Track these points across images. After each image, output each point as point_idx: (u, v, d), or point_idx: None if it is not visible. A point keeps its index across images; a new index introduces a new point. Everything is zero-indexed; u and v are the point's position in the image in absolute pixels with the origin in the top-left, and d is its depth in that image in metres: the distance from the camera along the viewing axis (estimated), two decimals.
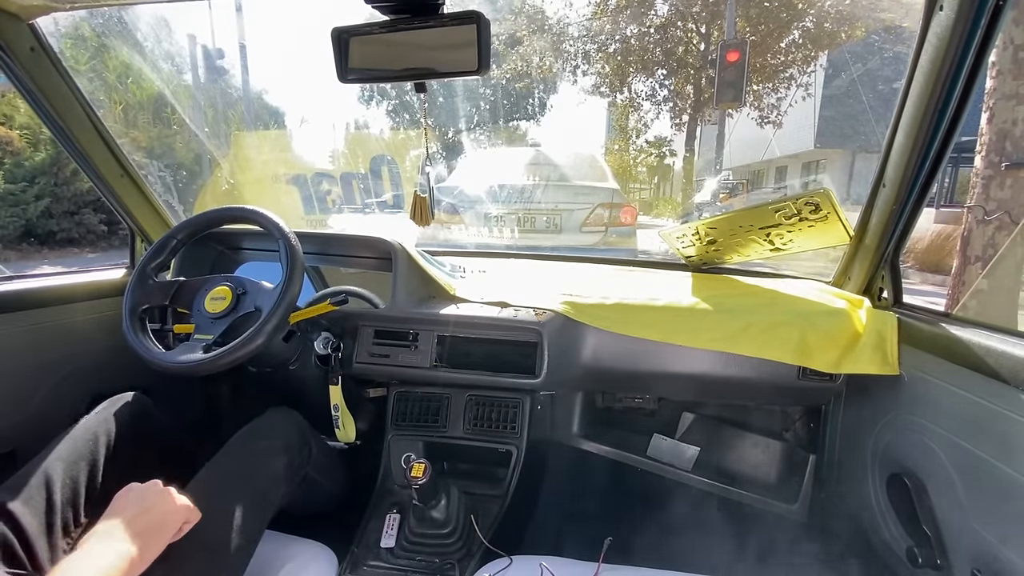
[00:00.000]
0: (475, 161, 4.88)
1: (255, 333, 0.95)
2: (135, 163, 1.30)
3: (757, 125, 12.38)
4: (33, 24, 1.01)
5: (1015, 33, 2.73)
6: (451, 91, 14.15)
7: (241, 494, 0.82)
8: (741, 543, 1.33)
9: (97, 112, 1.18)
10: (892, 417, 1.01)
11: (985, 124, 2.89)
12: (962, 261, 3.02)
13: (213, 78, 9.86)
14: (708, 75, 11.43)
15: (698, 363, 1.16)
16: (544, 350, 1.13)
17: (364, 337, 1.22)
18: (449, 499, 1.06)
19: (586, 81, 13.15)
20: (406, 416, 1.27)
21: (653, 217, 14.43)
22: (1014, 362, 0.73)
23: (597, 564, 0.83)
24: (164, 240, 1.11)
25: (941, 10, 0.79)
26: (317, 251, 1.40)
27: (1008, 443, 0.74)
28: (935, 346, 0.91)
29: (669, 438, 1.45)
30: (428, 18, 0.76)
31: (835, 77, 12.61)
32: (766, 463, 1.41)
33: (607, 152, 17.43)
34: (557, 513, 1.44)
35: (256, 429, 0.95)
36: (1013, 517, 0.73)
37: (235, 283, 1.06)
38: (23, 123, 6.96)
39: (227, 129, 9.65)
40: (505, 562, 0.85)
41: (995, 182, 2.87)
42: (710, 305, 1.14)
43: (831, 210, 1.04)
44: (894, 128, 0.93)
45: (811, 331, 1.06)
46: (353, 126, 18.52)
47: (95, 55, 5.16)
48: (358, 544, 1.09)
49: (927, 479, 0.90)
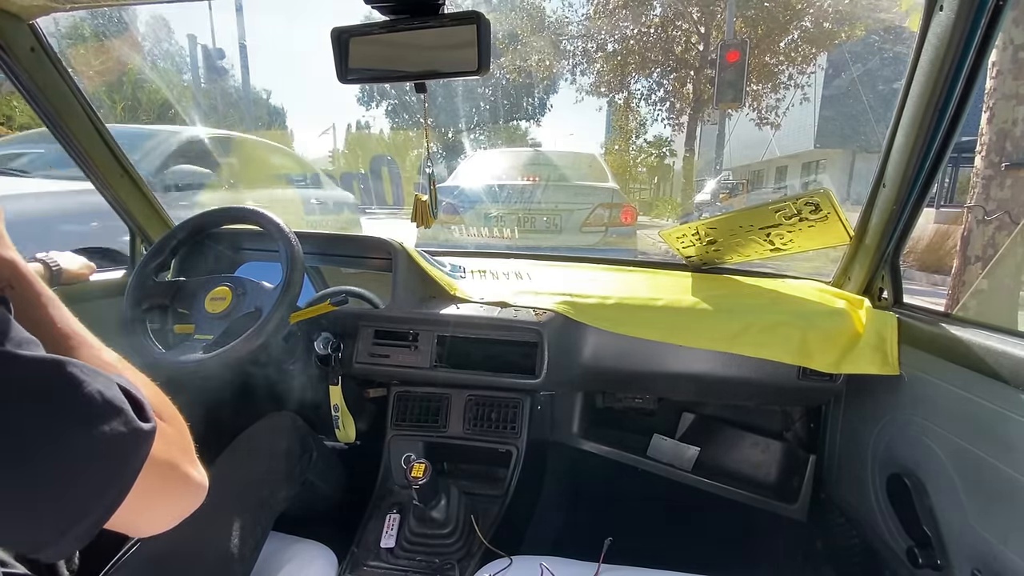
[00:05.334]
0: (475, 161, 4.88)
1: (255, 333, 0.95)
2: (135, 163, 1.30)
3: (756, 125, 12.38)
4: (33, 24, 1.01)
5: (1015, 33, 2.73)
6: (451, 91, 14.15)
7: (243, 500, 0.82)
8: (741, 543, 1.33)
9: (97, 112, 1.18)
10: (892, 417, 1.01)
11: (985, 124, 2.88)
12: (962, 261, 3.02)
13: (213, 78, 9.87)
14: (708, 75, 11.43)
15: (698, 363, 1.16)
16: (544, 350, 1.13)
17: (364, 337, 1.22)
18: (449, 499, 1.06)
19: (585, 80, 13.16)
20: (406, 416, 1.27)
21: (653, 217, 14.42)
22: (1014, 362, 0.73)
23: (597, 564, 0.83)
24: (164, 240, 1.11)
25: (941, 10, 0.79)
26: (317, 251, 1.40)
27: (1008, 443, 0.74)
28: (935, 346, 0.91)
29: (669, 438, 1.45)
30: (428, 18, 0.76)
31: (835, 77, 12.61)
32: (766, 463, 1.41)
33: (607, 152, 17.44)
34: (557, 513, 1.44)
35: (256, 434, 0.95)
36: (1013, 517, 0.73)
37: (235, 283, 1.06)
38: (23, 123, 6.97)
39: (226, 129, 9.65)
40: (505, 562, 0.85)
41: (995, 182, 2.86)
42: (710, 305, 1.14)
43: (831, 210, 1.04)
44: (894, 128, 0.93)
45: (811, 331, 1.06)
46: (354, 126, 18.52)
47: (97, 55, 5.20)
48: (358, 544, 1.09)
49: (927, 479, 0.90)
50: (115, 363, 0.49)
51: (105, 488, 0.38)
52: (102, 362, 0.48)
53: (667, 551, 0.93)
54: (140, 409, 0.41)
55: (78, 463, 0.36)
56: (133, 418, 0.39)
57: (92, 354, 0.48)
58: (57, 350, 0.44)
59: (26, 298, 0.48)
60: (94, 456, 0.37)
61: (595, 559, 0.84)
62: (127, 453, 0.39)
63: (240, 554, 0.77)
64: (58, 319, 0.49)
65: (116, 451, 0.38)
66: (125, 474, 0.39)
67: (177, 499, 0.46)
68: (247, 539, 0.79)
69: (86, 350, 0.48)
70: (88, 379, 0.38)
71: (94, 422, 0.37)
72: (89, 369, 0.39)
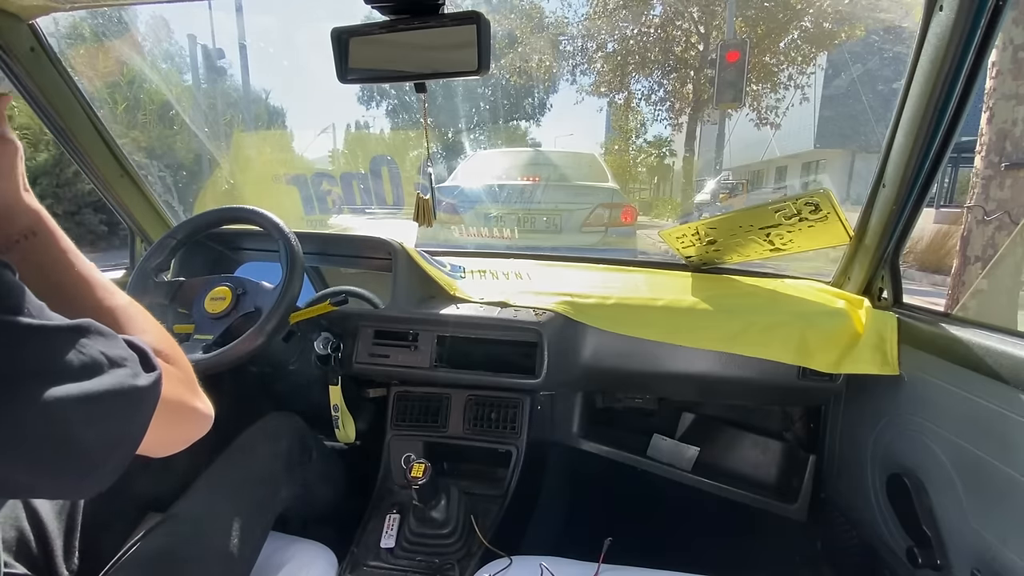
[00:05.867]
0: (475, 161, 4.88)
1: (255, 333, 0.95)
2: (135, 163, 1.30)
3: (756, 125, 12.37)
4: (33, 24, 1.01)
5: (1015, 33, 2.73)
6: (451, 91, 14.15)
7: (243, 501, 0.82)
8: (741, 543, 1.33)
9: (97, 112, 1.18)
10: (892, 417, 1.01)
11: (985, 124, 2.89)
12: (962, 261, 3.02)
13: (213, 78, 9.87)
14: (708, 75, 11.42)
15: (698, 363, 1.16)
16: (544, 350, 1.13)
17: (364, 337, 1.22)
18: (449, 499, 1.06)
19: (585, 81, 13.15)
20: (406, 416, 1.27)
21: (653, 217, 14.41)
22: (1014, 362, 0.73)
23: (597, 564, 0.83)
24: (164, 240, 1.11)
25: (941, 10, 0.79)
26: (317, 251, 1.40)
27: (1008, 443, 0.74)
28: (935, 346, 0.91)
29: (669, 438, 1.45)
30: (428, 18, 0.76)
31: (835, 77, 12.60)
32: (766, 463, 1.41)
33: (607, 152, 17.42)
34: (557, 513, 1.44)
35: (256, 434, 0.95)
36: (1013, 517, 0.73)
37: (235, 283, 1.06)
38: (23, 123, 6.96)
39: (227, 129, 9.65)
40: (505, 562, 0.85)
41: (995, 182, 2.86)
42: (710, 305, 1.14)
43: (831, 210, 1.04)
44: (894, 128, 0.93)
45: (811, 331, 1.06)
46: (353, 126, 18.52)
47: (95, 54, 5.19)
48: (358, 544, 1.09)
49: (927, 479, 0.90)
50: (126, 306, 0.53)
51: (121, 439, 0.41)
52: (115, 305, 0.52)
53: (667, 551, 0.94)
54: (146, 359, 0.44)
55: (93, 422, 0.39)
56: (139, 371, 0.42)
57: (104, 296, 0.52)
58: (74, 293, 0.51)
59: (48, 243, 0.52)
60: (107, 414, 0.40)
61: (595, 559, 0.84)
62: (135, 407, 0.42)
63: (240, 554, 0.77)
64: (75, 263, 0.52)
65: (126, 407, 0.41)
66: (135, 427, 0.42)
67: (186, 428, 0.51)
68: (247, 539, 0.79)
69: (99, 292, 0.52)
70: (92, 342, 0.40)
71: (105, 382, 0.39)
72: (95, 329, 0.41)
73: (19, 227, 0.51)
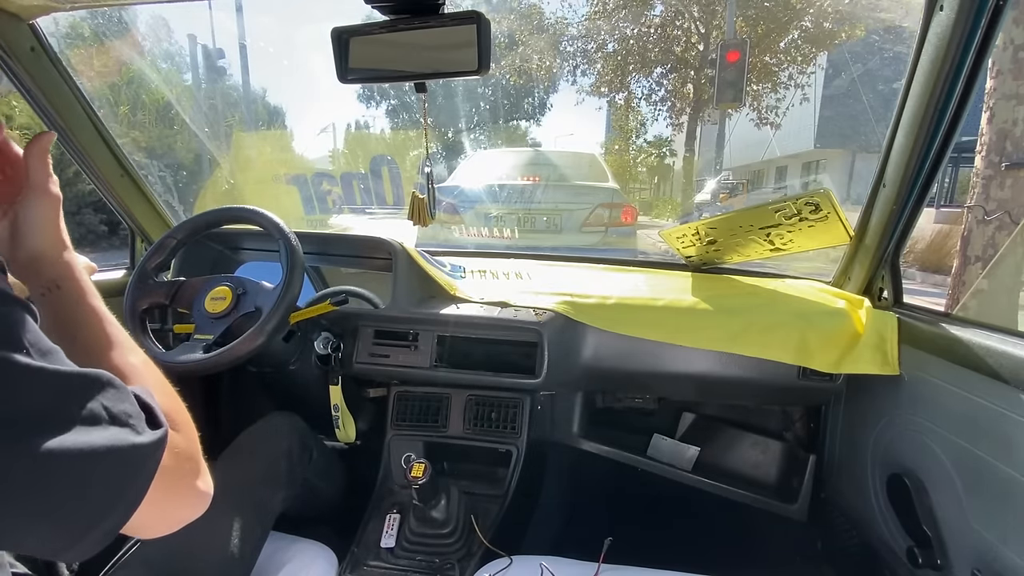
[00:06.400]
0: (475, 161, 4.88)
1: (255, 333, 0.95)
2: (135, 163, 1.30)
3: (756, 125, 12.37)
4: (33, 24, 1.01)
5: (1015, 33, 2.73)
6: (451, 91, 14.14)
7: (244, 500, 0.82)
8: (741, 543, 1.33)
9: (97, 112, 1.18)
10: (892, 417, 1.01)
11: (985, 124, 2.89)
12: (962, 261, 3.02)
13: (213, 78, 9.87)
14: (708, 75, 11.42)
15: (698, 363, 1.16)
16: (544, 350, 1.13)
17: (364, 337, 1.22)
18: (449, 499, 1.06)
19: (585, 81, 13.14)
20: (406, 416, 1.27)
21: (653, 217, 14.41)
22: (1014, 362, 0.73)
23: (597, 564, 0.83)
24: (164, 240, 1.11)
25: (941, 10, 0.79)
26: (317, 251, 1.40)
27: (1008, 443, 0.74)
28: (935, 346, 0.91)
29: (669, 438, 1.46)
30: (428, 18, 0.76)
31: (835, 77, 12.60)
32: (766, 463, 1.41)
33: (607, 152, 17.42)
34: (557, 513, 1.44)
35: (256, 434, 0.95)
36: (1013, 517, 0.73)
37: (235, 283, 1.06)
38: (23, 123, 6.97)
39: (227, 129, 9.65)
40: (505, 562, 0.85)
41: (995, 182, 2.87)
42: (710, 305, 1.14)
43: (831, 210, 1.04)
44: (894, 128, 0.93)
45: (811, 331, 1.06)
46: (353, 126, 18.51)
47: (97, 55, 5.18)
48: (358, 544, 1.09)
49: (927, 479, 0.90)
50: (140, 365, 0.51)
51: (114, 503, 0.38)
52: (127, 364, 0.49)
53: (667, 551, 0.93)
54: (152, 417, 0.41)
55: (88, 479, 0.36)
56: (143, 428, 0.40)
57: (120, 355, 0.50)
58: (90, 349, 0.49)
59: (71, 298, 0.51)
60: (103, 472, 0.37)
61: (595, 559, 0.84)
62: (134, 467, 0.39)
63: (240, 554, 0.77)
64: (95, 321, 0.51)
65: (123, 466, 0.38)
66: (133, 491, 0.39)
67: (182, 505, 0.47)
68: (247, 539, 0.79)
69: (116, 351, 0.50)
70: (97, 392, 0.38)
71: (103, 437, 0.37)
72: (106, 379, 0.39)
73: (45, 279, 0.51)
